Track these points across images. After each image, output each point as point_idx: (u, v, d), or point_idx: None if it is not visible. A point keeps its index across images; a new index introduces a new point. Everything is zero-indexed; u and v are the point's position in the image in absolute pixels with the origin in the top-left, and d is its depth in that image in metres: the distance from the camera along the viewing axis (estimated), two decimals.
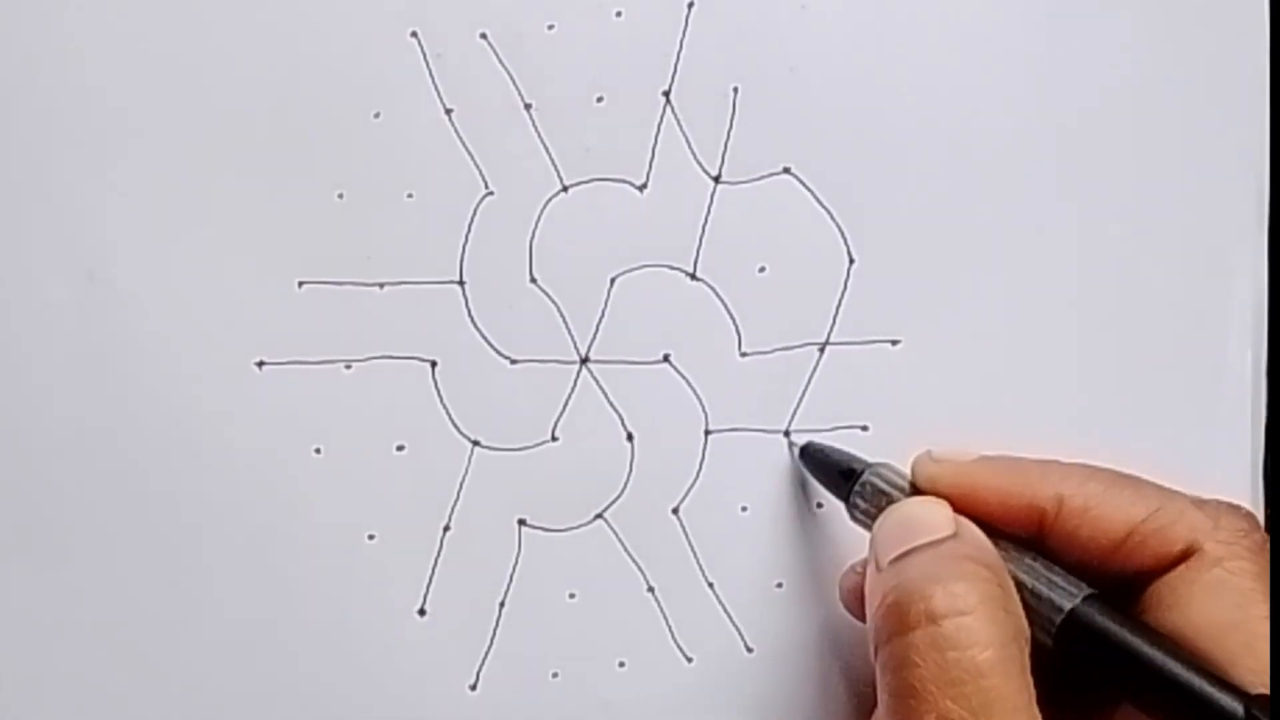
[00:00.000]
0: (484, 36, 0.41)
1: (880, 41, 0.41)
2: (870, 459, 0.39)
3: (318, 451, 0.41)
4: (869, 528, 0.37)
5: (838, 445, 0.40)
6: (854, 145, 0.41)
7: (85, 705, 0.40)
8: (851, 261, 0.41)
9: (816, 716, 0.41)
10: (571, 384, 0.41)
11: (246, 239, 0.40)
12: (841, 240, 0.41)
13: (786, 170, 0.41)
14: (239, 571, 0.40)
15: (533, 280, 0.41)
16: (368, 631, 0.41)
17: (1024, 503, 0.35)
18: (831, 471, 0.39)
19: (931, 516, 0.35)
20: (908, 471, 0.38)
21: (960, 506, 0.36)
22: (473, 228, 0.41)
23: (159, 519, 0.40)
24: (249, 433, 0.40)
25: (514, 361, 0.41)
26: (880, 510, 0.37)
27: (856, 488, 0.38)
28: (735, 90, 0.41)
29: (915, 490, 0.37)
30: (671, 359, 0.41)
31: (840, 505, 0.39)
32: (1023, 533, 0.36)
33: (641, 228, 0.41)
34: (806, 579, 0.41)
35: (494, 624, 0.41)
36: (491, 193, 0.41)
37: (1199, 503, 0.35)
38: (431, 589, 0.41)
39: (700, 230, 0.41)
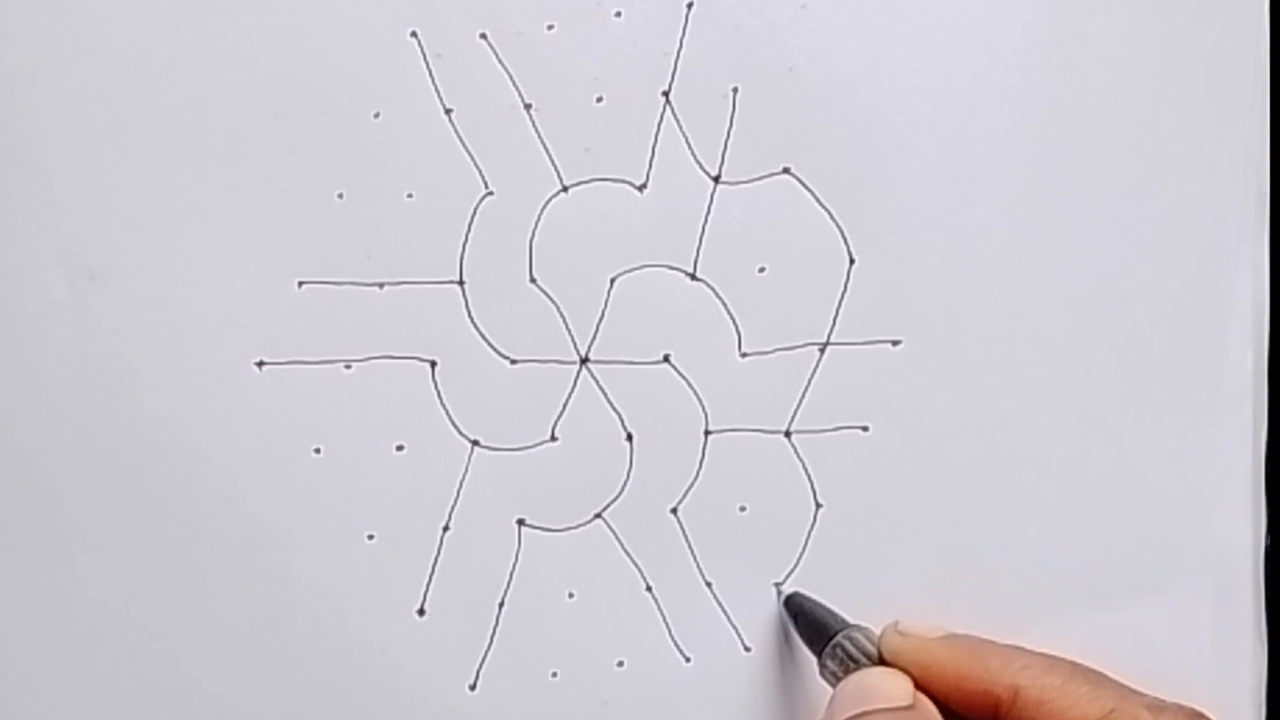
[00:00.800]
0: (484, 36, 0.41)
1: (880, 41, 0.41)
2: (850, 620, 0.39)
3: (317, 451, 0.41)
4: (835, 687, 0.37)
5: (822, 601, 0.40)
6: (854, 145, 0.41)
7: (84, 705, 0.40)
8: (851, 261, 0.41)
9: (815, 716, 0.41)
10: (571, 384, 0.41)
11: (246, 239, 0.40)
12: (841, 240, 0.41)
13: (786, 170, 0.41)
14: (238, 571, 0.40)
15: (533, 280, 0.41)
16: (367, 631, 0.41)
17: (981, 688, 0.36)
18: (810, 627, 0.40)
19: (890, 687, 0.36)
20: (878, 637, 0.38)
21: (920, 683, 0.36)
22: (473, 228, 0.41)
23: (158, 518, 0.40)
24: (249, 433, 0.40)
25: (514, 361, 0.41)
26: (847, 674, 0.37)
27: (828, 649, 0.38)
28: (735, 90, 0.41)
29: (881, 660, 0.37)
30: (671, 359, 0.41)
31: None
32: (978, 717, 0.36)
33: (641, 228, 0.41)
34: (805, 580, 0.41)
35: (493, 624, 0.41)
36: (491, 193, 0.41)
37: (1155, 707, 0.36)
38: (431, 589, 0.41)
39: (700, 230, 0.41)
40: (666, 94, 0.41)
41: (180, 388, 0.40)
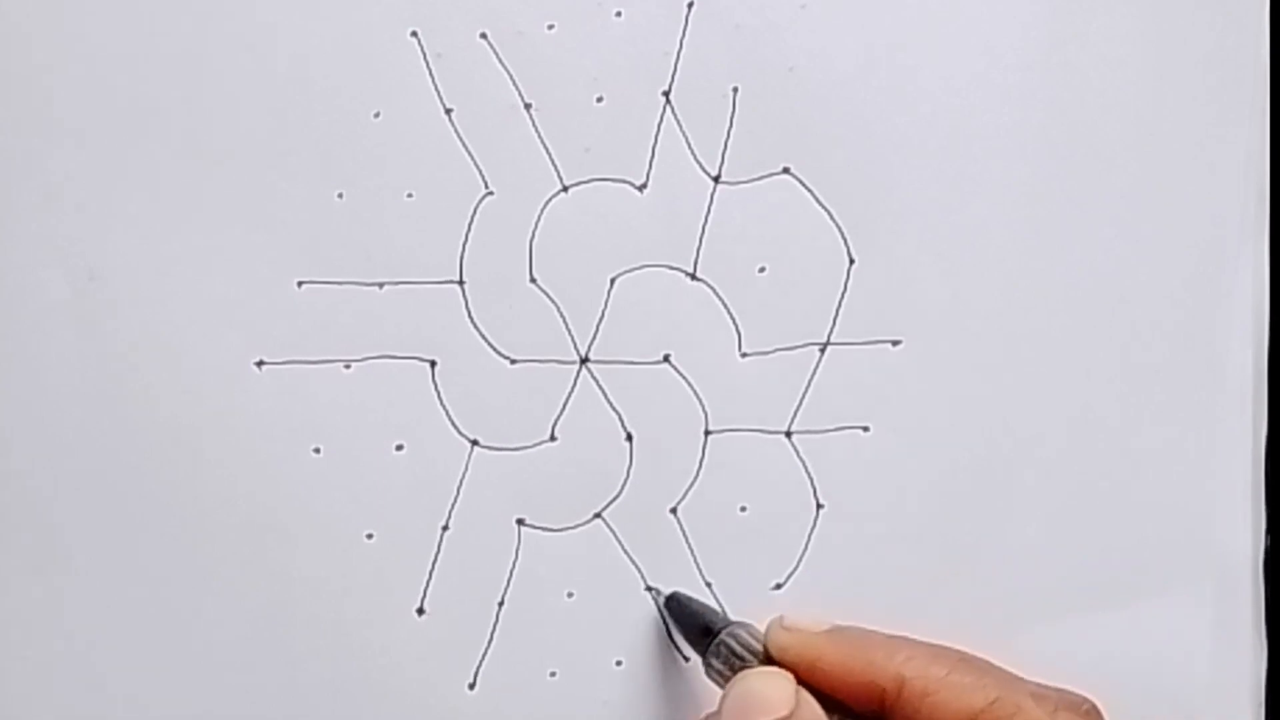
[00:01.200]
0: (484, 36, 0.41)
1: (880, 41, 0.41)
2: (731, 617, 0.39)
3: (317, 451, 0.41)
4: (721, 686, 0.37)
5: (701, 599, 0.40)
6: (854, 145, 0.41)
7: (83, 705, 0.40)
8: (851, 261, 0.41)
9: None
10: (571, 384, 0.41)
11: (246, 239, 0.40)
12: (841, 240, 0.41)
13: (786, 170, 0.41)
14: (238, 571, 0.40)
15: (533, 280, 0.41)
16: (366, 631, 0.41)
17: (866, 680, 0.36)
18: (691, 626, 0.40)
19: (772, 694, 0.36)
20: (763, 632, 0.38)
21: (805, 678, 0.36)
22: (473, 228, 0.41)
23: (158, 518, 0.40)
24: (248, 432, 0.40)
25: (514, 361, 0.41)
26: (734, 671, 0.37)
27: (712, 647, 0.38)
28: (735, 90, 0.41)
29: (767, 657, 0.37)
30: (671, 359, 0.41)
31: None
32: (865, 709, 0.36)
33: (641, 228, 0.41)
34: (805, 580, 0.41)
35: (493, 623, 0.41)
36: (491, 193, 0.41)
37: (1040, 695, 0.36)
38: (430, 588, 0.41)
39: (700, 230, 0.41)
40: (666, 94, 0.41)
41: (180, 388, 0.40)
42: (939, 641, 0.37)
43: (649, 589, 0.41)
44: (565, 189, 0.41)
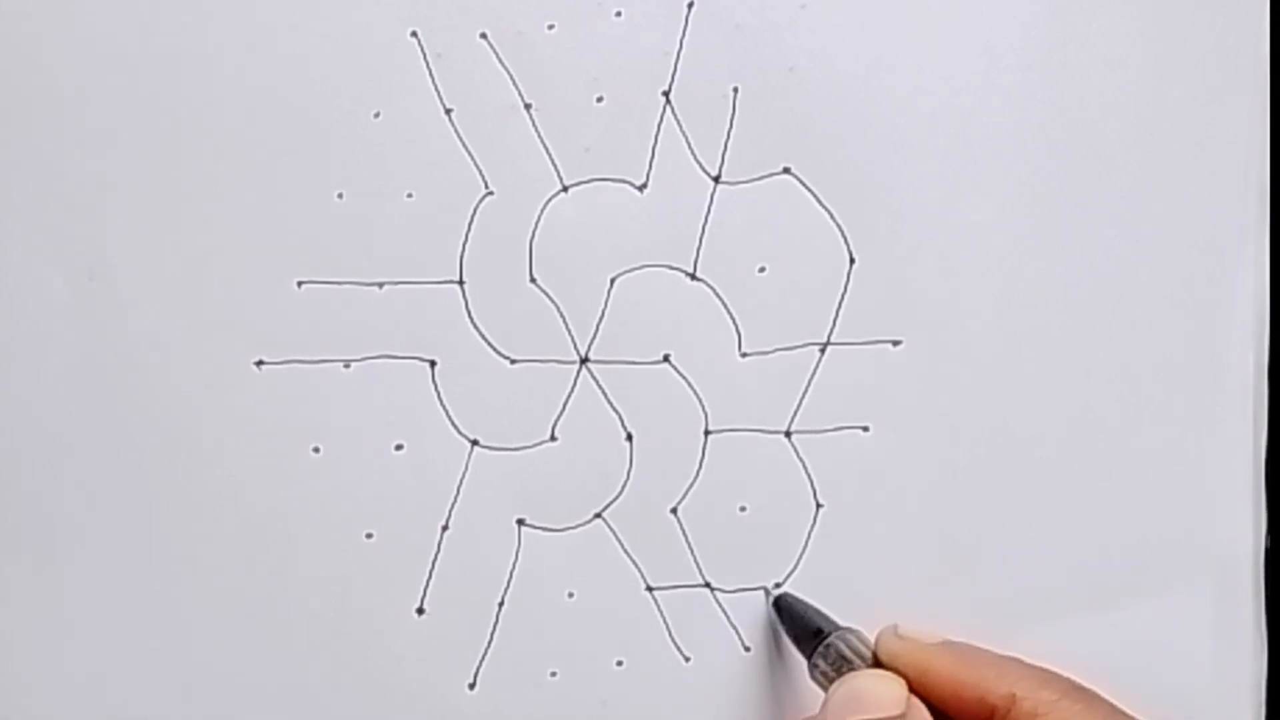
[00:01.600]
0: (484, 36, 0.41)
1: (880, 41, 0.41)
2: (841, 622, 0.39)
3: (316, 450, 0.41)
4: (825, 689, 0.37)
5: (813, 603, 0.40)
6: (854, 145, 0.41)
7: (82, 705, 0.41)
8: (851, 261, 0.41)
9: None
10: (571, 384, 0.41)
11: (246, 239, 0.40)
12: (841, 240, 0.41)
13: (786, 170, 0.41)
14: (237, 570, 0.40)
15: (533, 280, 0.41)
16: (366, 630, 0.41)
17: (976, 695, 0.36)
18: (800, 627, 0.40)
19: (884, 693, 0.36)
20: (873, 641, 0.38)
21: (915, 687, 0.36)
22: (473, 228, 0.41)
23: (157, 517, 0.40)
24: (248, 432, 0.40)
25: (514, 361, 0.41)
26: (839, 675, 0.37)
27: (820, 649, 0.38)
28: (735, 90, 0.41)
29: (876, 662, 0.38)
30: (671, 359, 0.41)
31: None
32: None
33: (641, 228, 0.41)
34: (804, 580, 0.41)
35: (493, 623, 0.41)
36: (491, 193, 0.41)
37: None
38: (430, 588, 0.41)
39: (700, 230, 0.41)
40: (666, 94, 0.41)
41: (180, 388, 0.40)
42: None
43: (764, 588, 0.41)
44: (565, 189, 0.41)
